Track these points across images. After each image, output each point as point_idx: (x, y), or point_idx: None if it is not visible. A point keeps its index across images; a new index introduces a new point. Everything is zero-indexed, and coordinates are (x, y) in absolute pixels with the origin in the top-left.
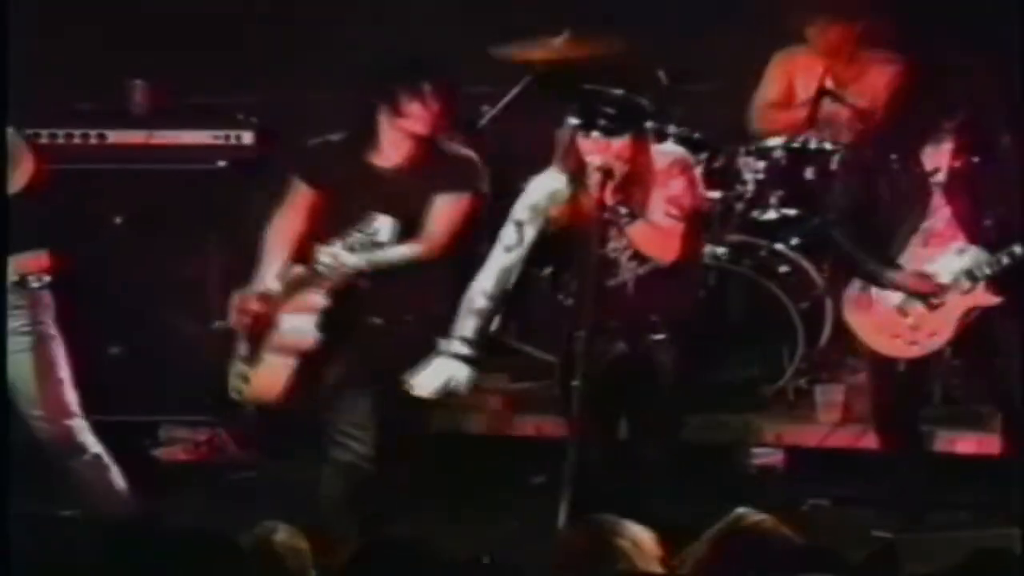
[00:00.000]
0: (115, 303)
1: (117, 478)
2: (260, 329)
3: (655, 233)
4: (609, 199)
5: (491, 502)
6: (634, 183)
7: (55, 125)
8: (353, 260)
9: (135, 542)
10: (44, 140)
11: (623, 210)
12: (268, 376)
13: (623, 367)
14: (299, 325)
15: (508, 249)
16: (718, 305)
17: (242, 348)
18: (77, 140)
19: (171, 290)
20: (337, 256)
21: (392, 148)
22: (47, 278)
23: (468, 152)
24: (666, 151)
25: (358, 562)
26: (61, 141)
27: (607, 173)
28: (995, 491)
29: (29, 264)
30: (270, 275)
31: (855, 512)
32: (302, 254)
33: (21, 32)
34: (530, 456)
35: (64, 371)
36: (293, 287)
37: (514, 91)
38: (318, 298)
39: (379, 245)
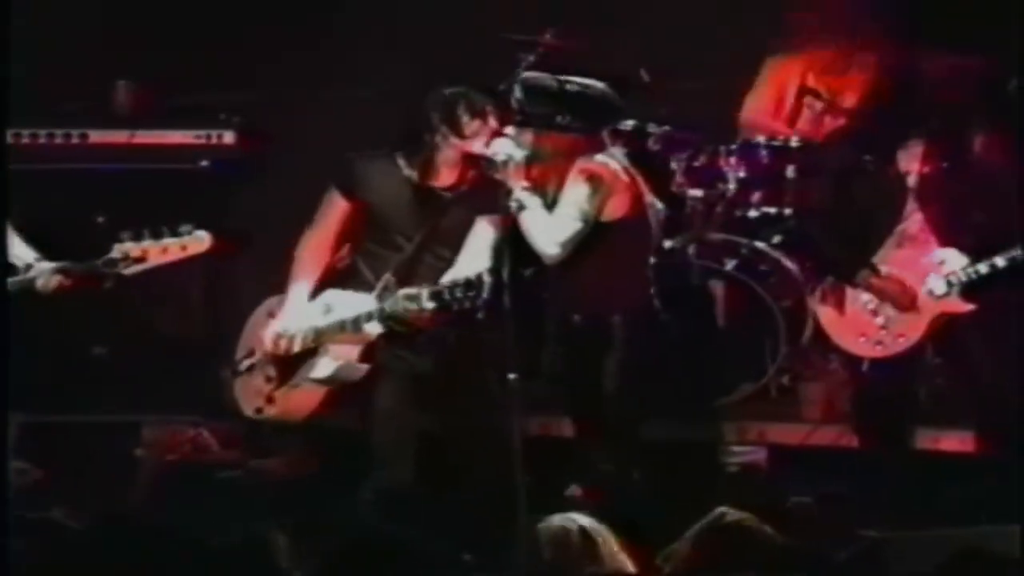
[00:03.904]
0: (98, 303)
1: None
2: (290, 355)
3: (542, 225)
4: (514, 185)
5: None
6: (547, 176)
7: (38, 125)
8: (432, 306)
9: (120, 542)
10: (26, 140)
11: (521, 198)
12: (298, 399)
13: (577, 364)
14: (344, 356)
15: None
16: (700, 304)
17: (268, 370)
18: (59, 140)
19: (154, 289)
20: (420, 302)
21: (447, 168)
22: None
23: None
24: (595, 157)
25: (343, 560)
26: (43, 141)
27: (509, 160)
28: (979, 489)
29: None
30: (302, 294)
31: (838, 510)
32: (334, 270)
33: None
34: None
35: None
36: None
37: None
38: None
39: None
